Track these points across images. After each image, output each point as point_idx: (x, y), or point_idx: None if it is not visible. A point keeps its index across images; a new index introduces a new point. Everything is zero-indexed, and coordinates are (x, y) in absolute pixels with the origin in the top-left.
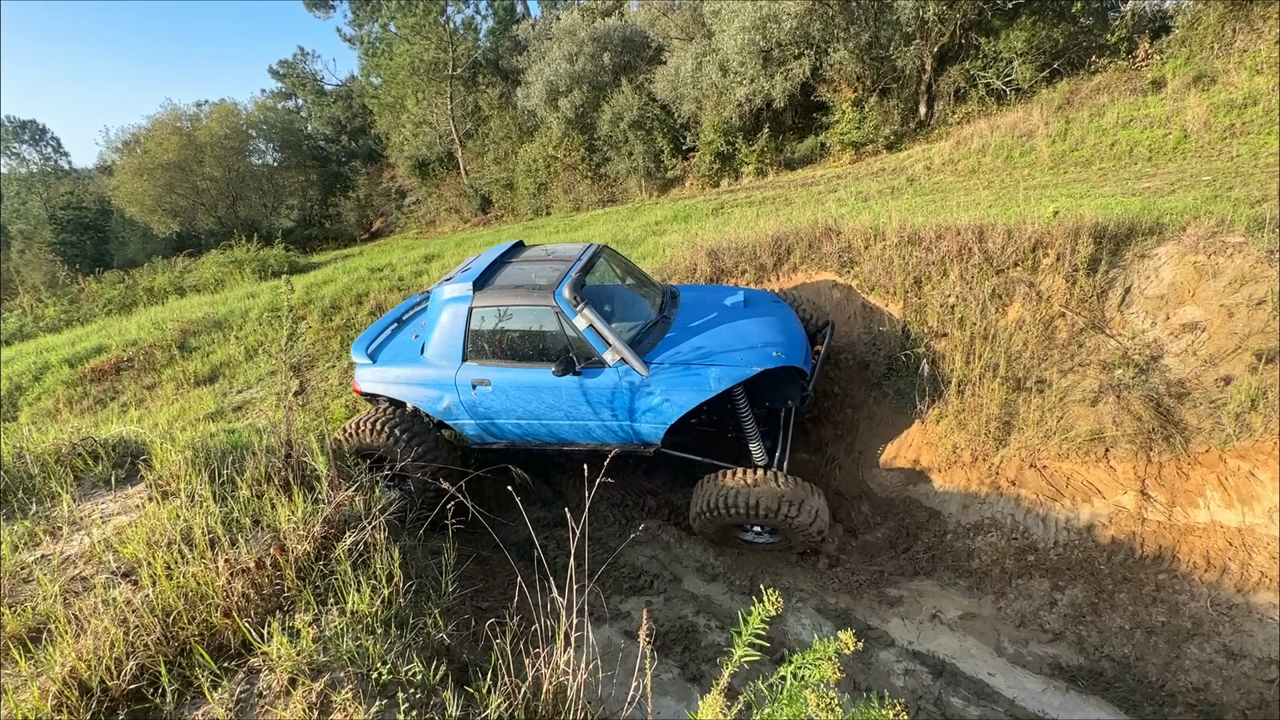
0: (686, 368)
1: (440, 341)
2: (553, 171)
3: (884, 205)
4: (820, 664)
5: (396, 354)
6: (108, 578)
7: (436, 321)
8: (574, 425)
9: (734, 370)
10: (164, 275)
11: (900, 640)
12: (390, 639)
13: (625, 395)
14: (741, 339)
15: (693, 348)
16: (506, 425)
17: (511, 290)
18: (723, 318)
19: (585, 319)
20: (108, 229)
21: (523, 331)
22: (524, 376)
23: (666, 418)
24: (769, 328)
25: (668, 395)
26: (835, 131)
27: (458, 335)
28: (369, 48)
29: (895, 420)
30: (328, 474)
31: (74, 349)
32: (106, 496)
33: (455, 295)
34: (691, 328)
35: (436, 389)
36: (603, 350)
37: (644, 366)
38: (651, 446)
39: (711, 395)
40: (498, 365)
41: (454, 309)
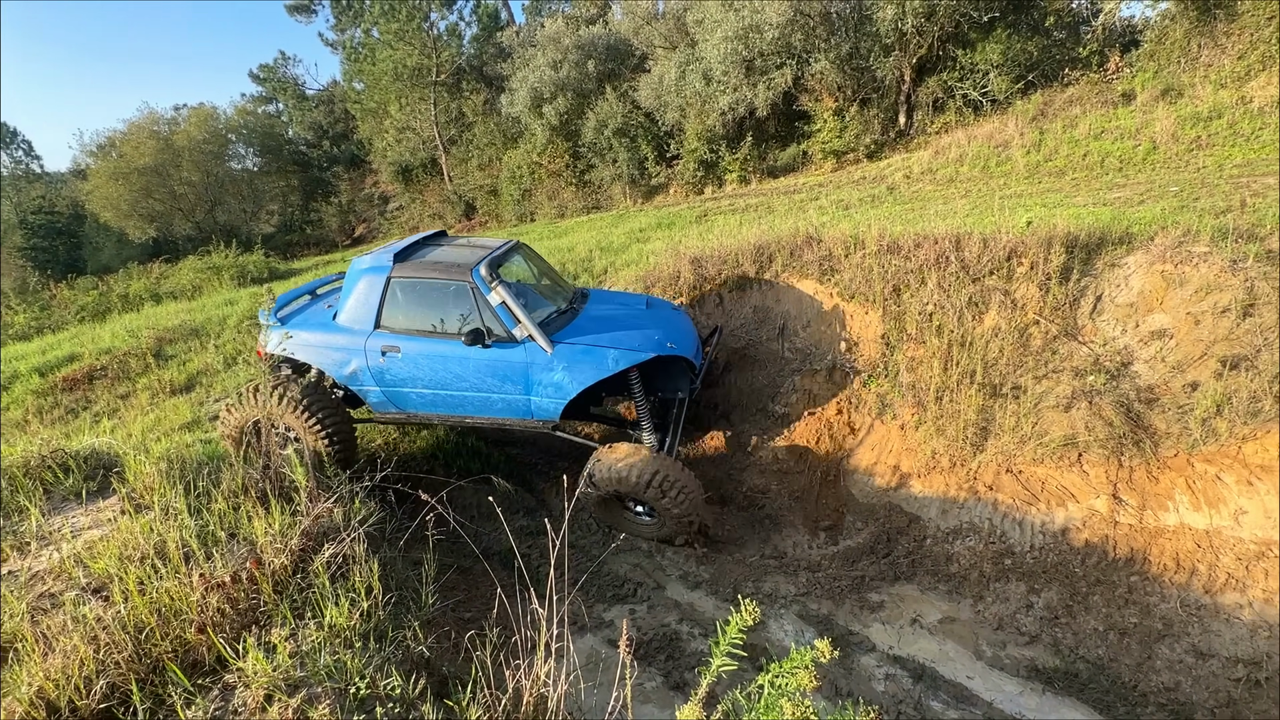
0: (588, 348)
1: (354, 308)
2: (537, 178)
3: (864, 214)
4: (797, 672)
5: (307, 321)
6: (78, 594)
7: (352, 289)
8: (478, 397)
9: (631, 353)
10: (139, 281)
11: (881, 645)
12: (369, 653)
13: (530, 370)
14: (640, 331)
15: (594, 332)
16: (411, 394)
17: (431, 265)
18: (625, 314)
19: (499, 295)
20: (81, 234)
21: (437, 304)
22: (433, 347)
23: (566, 393)
24: (666, 325)
25: (569, 371)
26: (817, 140)
27: (373, 302)
28: (351, 53)
29: (876, 427)
30: (306, 485)
31: (45, 357)
32: (77, 510)
33: (374, 265)
34: (596, 319)
35: (345, 353)
36: (512, 327)
37: (549, 344)
38: (550, 423)
39: (609, 374)
40: (409, 334)
41: (371, 278)
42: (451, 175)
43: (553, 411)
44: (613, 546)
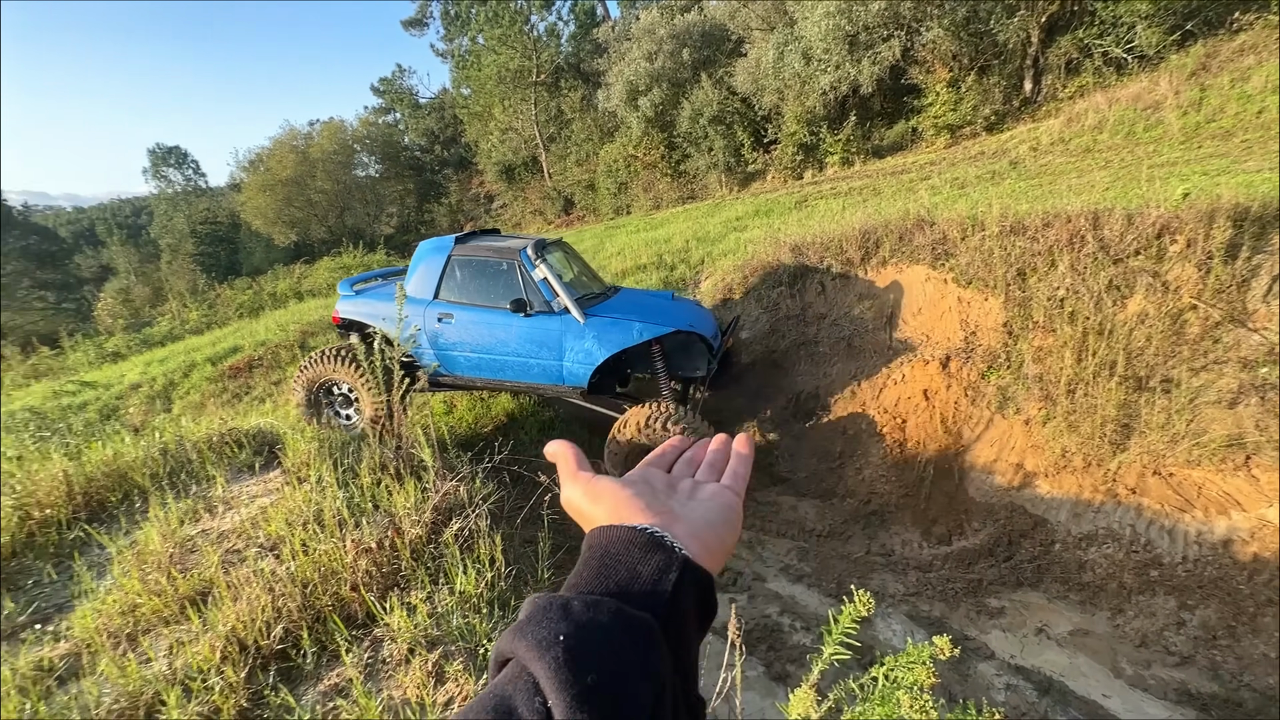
0: (616, 320)
1: (417, 281)
2: (633, 171)
3: (983, 192)
4: (914, 667)
5: (378, 292)
6: (257, 551)
7: (418, 265)
8: (518, 362)
9: (655, 326)
10: (284, 281)
11: (1001, 653)
12: (494, 619)
13: (564, 337)
14: (663, 312)
15: (622, 310)
16: (459, 358)
17: (486, 247)
18: (651, 301)
19: (541, 271)
20: (238, 240)
21: (488, 279)
22: (482, 315)
23: (595, 359)
24: (687, 311)
25: (598, 339)
26: (928, 115)
27: (434, 276)
28: (459, 61)
29: (996, 421)
30: (434, 465)
31: (214, 349)
32: (250, 480)
33: (438, 245)
34: (625, 302)
35: (407, 317)
36: (551, 299)
37: (582, 315)
38: (579, 389)
39: (634, 343)
40: (461, 304)
41: (435, 256)
42: (551, 172)
43: (582, 377)
44: None
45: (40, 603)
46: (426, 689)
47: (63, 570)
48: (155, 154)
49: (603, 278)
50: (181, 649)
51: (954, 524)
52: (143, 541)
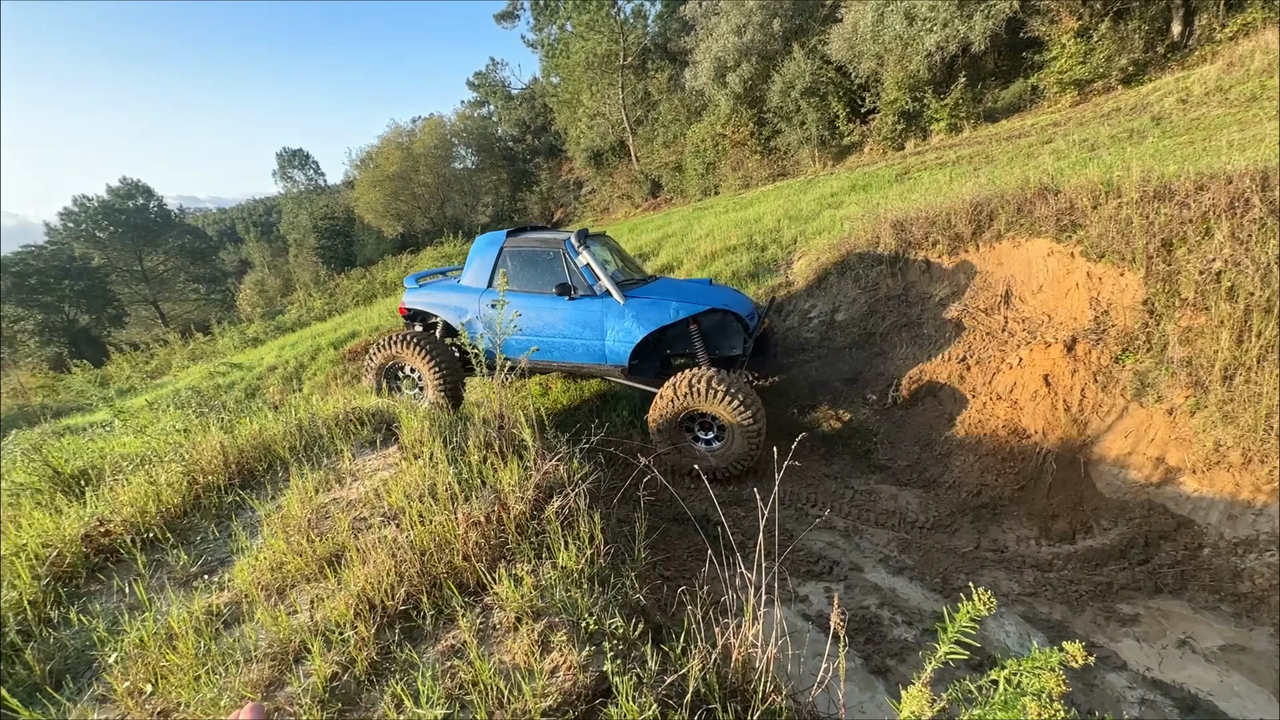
0: (654, 300)
1: (473, 271)
2: (721, 150)
3: (1119, 154)
4: (1041, 673)
5: (439, 285)
6: (380, 520)
7: (474, 259)
8: (563, 343)
9: (690, 305)
10: (393, 271)
11: (1134, 664)
12: (594, 594)
13: (605, 318)
14: (700, 293)
15: (660, 292)
16: (511, 341)
17: (535, 238)
18: (688, 285)
19: (584, 258)
20: (353, 234)
21: (535, 267)
22: (530, 299)
23: (634, 337)
24: (723, 293)
25: (637, 319)
26: (1052, 70)
27: (488, 266)
28: (548, 49)
29: (1132, 410)
30: (534, 445)
31: (335, 334)
32: (372, 455)
33: (492, 239)
34: (663, 286)
35: (464, 306)
36: (593, 283)
37: (622, 297)
38: (620, 368)
39: (671, 321)
40: (512, 290)
41: (488, 248)
42: (638, 155)
43: (623, 355)
44: (815, 523)
45: (207, 556)
46: (534, 656)
47: (223, 529)
48: (282, 157)
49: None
50: (321, 604)
51: (1079, 521)
52: (285, 507)
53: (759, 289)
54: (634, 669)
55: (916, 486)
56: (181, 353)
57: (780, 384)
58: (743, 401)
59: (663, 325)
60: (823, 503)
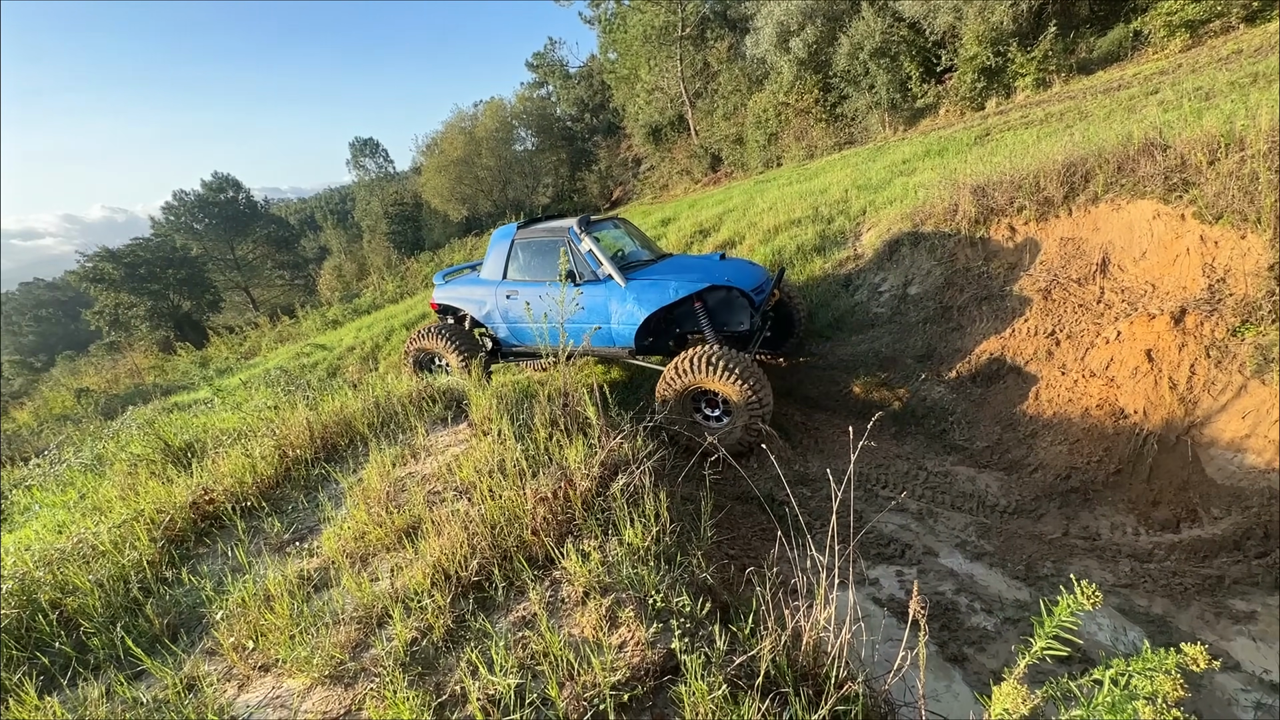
0: (654, 282)
1: (490, 265)
2: (784, 119)
3: (1240, 102)
4: (1155, 675)
5: (463, 280)
6: (453, 494)
7: (490, 252)
8: (572, 329)
9: (689, 284)
10: (459, 254)
11: (1249, 665)
12: (661, 571)
13: (609, 302)
14: (702, 271)
15: (661, 273)
16: (524, 329)
17: (542, 229)
18: (694, 262)
19: (587, 245)
20: (420, 219)
21: (544, 256)
22: (540, 289)
23: (636, 319)
24: (729, 268)
25: (638, 300)
26: (1159, 11)
27: (502, 259)
28: (606, 25)
29: (1251, 388)
30: (599, 422)
31: (407, 315)
32: (444, 431)
33: (504, 233)
34: (669, 265)
35: (483, 299)
36: (597, 268)
37: (623, 279)
38: (628, 349)
39: (671, 300)
40: (523, 281)
41: (502, 242)
42: (698, 130)
43: (628, 338)
44: (890, 506)
45: (297, 524)
46: (602, 631)
47: (310, 499)
48: (354, 146)
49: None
50: (400, 572)
51: (1184, 508)
52: (366, 480)
53: (825, 263)
54: (702, 648)
55: (997, 469)
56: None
57: (849, 359)
58: (742, 377)
59: (664, 305)
60: (894, 484)
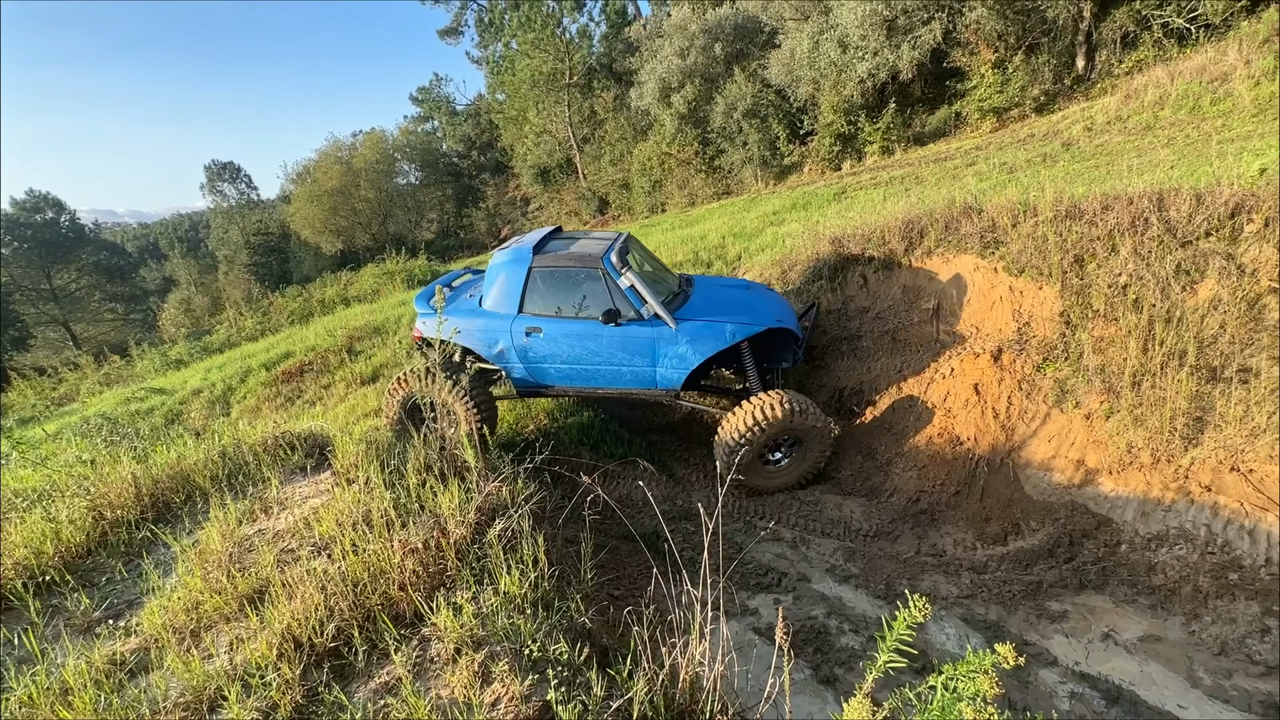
0: (708, 323)
1: (499, 295)
2: (667, 168)
3: (1034, 176)
4: (976, 677)
5: (458, 309)
6: (309, 551)
7: (496, 279)
8: (609, 370)
9: (746, 326)
10: (332, 289)
11: (1064, 659)
12: (539, 619)
13: (656, 344)
14: (748, 308)
15: (710, 310)
16: (550, 369)
17: (566, 256)
18: (730, 294)
19: (628, 279)
20: (288, 250)
21: (573, 289)
22: (571, 326)
23: (690, 364)
24: (768, 301)
25: (692, 344)
26: (973, 98)
27: (515, 289)
28: (494, 67)
29: (1054, 416)
30: (476, 466)
31: (268, 354)
32: (303, 482)
33: (515, 258)
34: (709, 300)
35: (494, 335)
36: (640, 306)
37: (673, 321)
38: (673, 392)
39: (727, 345)
40: (549, 316)
41: (513, 268)
42: (585, 173)
43: (676, 381)
44: (760, 536)
45: (113, 599)
46: (473, 689)
47: (132, 568)
48: (211, 170)
49: None
50: (241, 645)
51: (1010, 523)
52: (204, 541)
53: None
54: (579, 696)
55: (860, 495)
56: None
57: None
58: (813, 416)
59: (719, 351)
60: (771, 514)
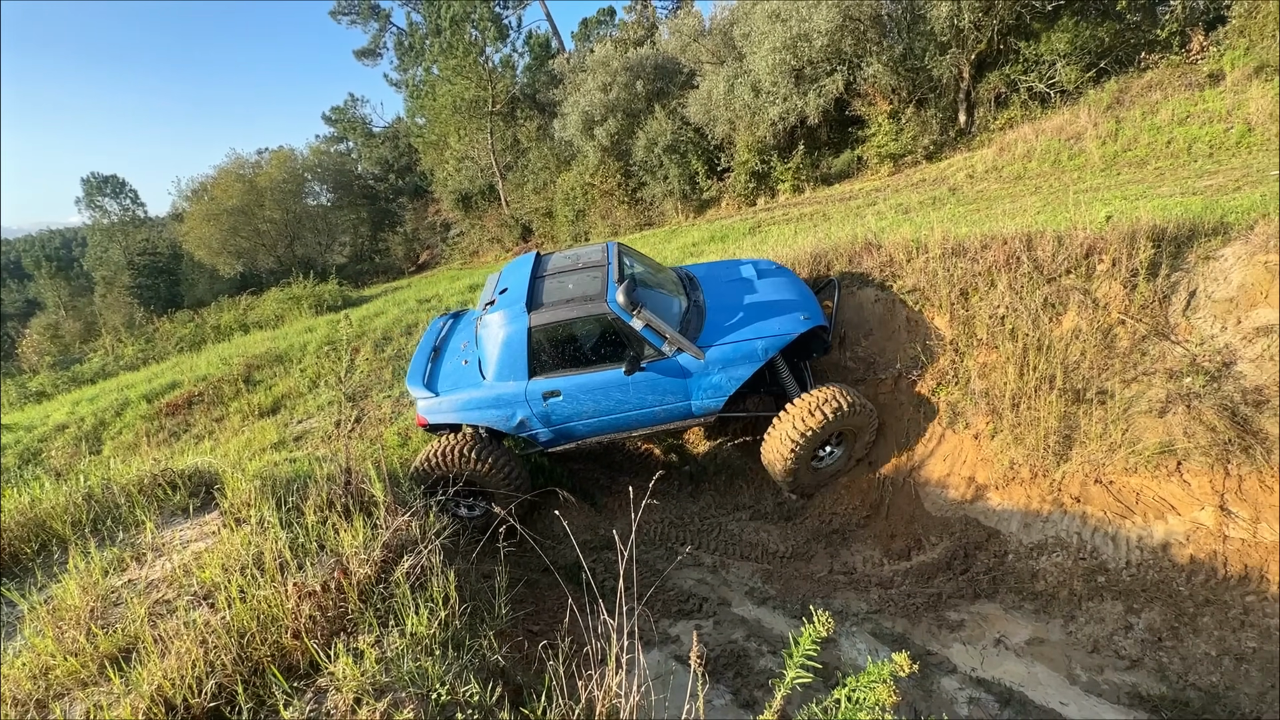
0: (737, 345)
1: (503, 364)
2: (590, 198)
3: (926, 217)
4: (875, 687)
5: (455, 382)
6: (189, 601)
7: (495, 346)
8: (642, 413)
9: (776, 339)
10: (229, 313)
11: (963, 666)
12: (448, 660)
13: (688, 379)
14: (772, 309)
15: (735, 326)
16: (578, 426)
17: (565, 305)
18: (745, 293)
19: (642, 319)
20: (179, 272)
21: (582, 341)
22: (593, 380)
23: (726, 390)
24: (787, 294)
25: (725, 371)
26: (872, 144)
27: (520, 355)
28: (414, 90)
29: (947, 437)
30: (385, 500)
31: (151, 385)
32: (185, 524)
33: (510, 319)
34: (725, 306)
35: (509, 408)
36: (660, 344)
37: (700, 352)
38: (713, 414)
39: (761, 364)
40: (565, 374)
41: (511, 331)
42: (508, 200)
43: (715, 408)
44: (677, 560)
45: None
46: None
47: None
48: (90, 183)
49: None
50: (99, 713)
51: (913, 539)
52: (60, 596)
53: None
54: None
55: (777, 518)
56: None
57: None
58: (863, 399)
59: (756, 371)
60: (692, 540)
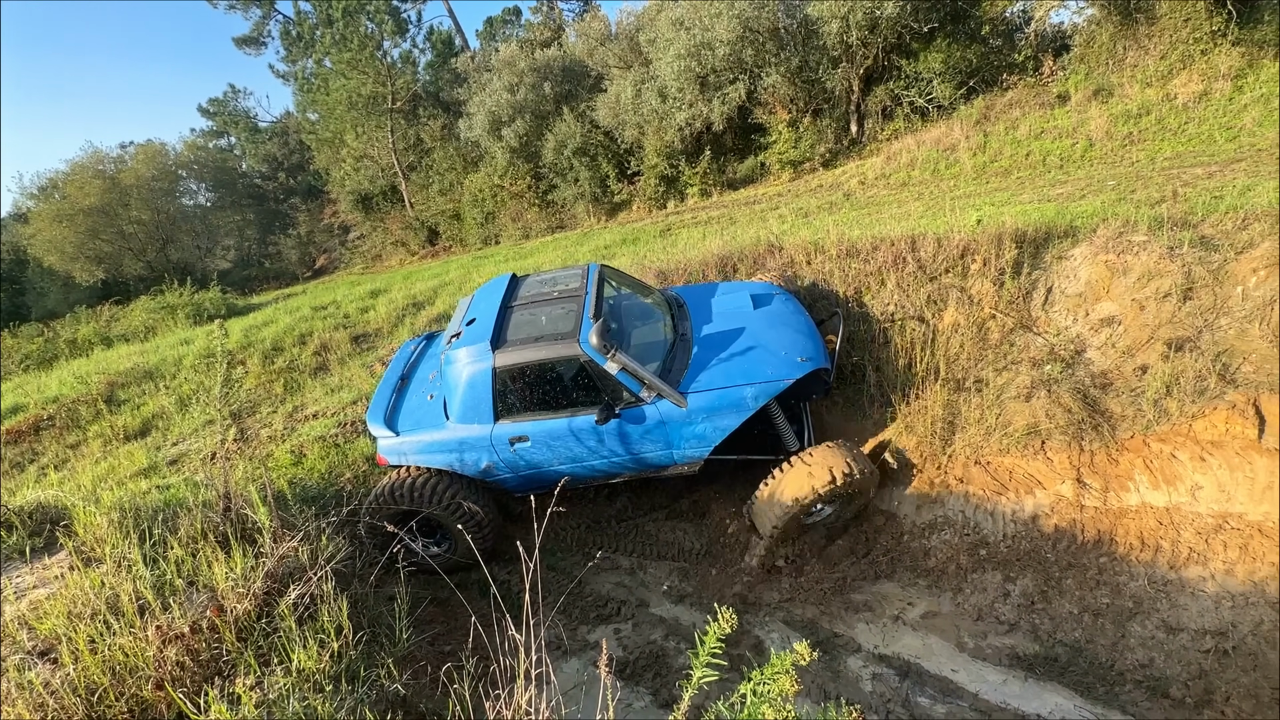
0: (723, 392)
1: (467, 405)
2: (500, 201)
3: (823, 220)
4: (778, 678)
5: (418, 420)
6: (22, 659)
7: (458, 386)
8: (620, 460)
9: (768, 386)
10: (88, 326)
11: (867, 645)
12: (340, 695)
13: (668, 428)
14: (766, 349)
15: (723, 368)
16: (550, 472)
17: (533, 344)
18: (739, 326)
19: (617, 363)
20: (24, 280)
21: (552, 381)
22: (564, 426)
23: (711, 441)
24: (786, 329)
25: (710, 420)
26: (773, 152)
27: (484, 397)
28: (304, 84)
29: (846, 428)
30: (270, 525)
31: None
32: (22, 569)
33: (474, 358)
34: (714, 342)
35: (474, 452)
36: (638, 389)
37: (682, 399)
38: (698, 463)
39: (751, 414)
40: (533, 419)
41: (475, 371)
42: (413, 202)
43: (699, 457)
44: (589, 565)
45: None
46: None
47: None
48: None
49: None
50: None
51: None
52: None
53: None
54: None
55: (692, 516)
56: None
57: None
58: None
59: (745, 420)
60: (610, 543)
